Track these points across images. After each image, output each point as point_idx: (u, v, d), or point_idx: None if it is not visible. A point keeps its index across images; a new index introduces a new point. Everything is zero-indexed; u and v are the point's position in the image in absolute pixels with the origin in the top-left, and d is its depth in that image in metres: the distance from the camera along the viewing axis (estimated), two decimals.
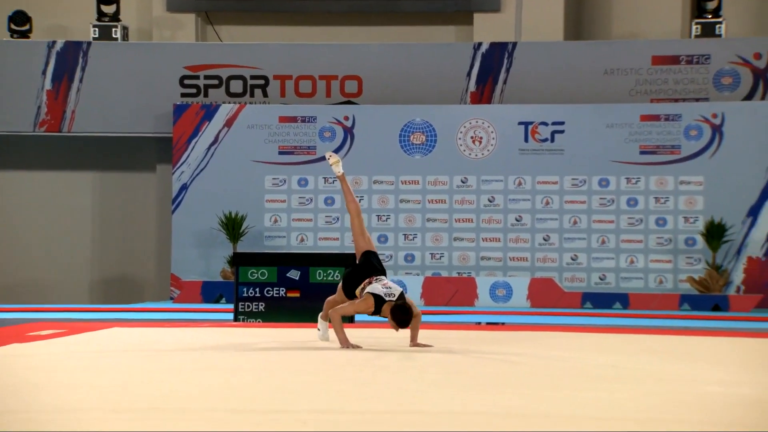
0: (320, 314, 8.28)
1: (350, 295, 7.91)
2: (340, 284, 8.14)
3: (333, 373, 6.07)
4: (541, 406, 4.81)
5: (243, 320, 11.07)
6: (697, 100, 17.41)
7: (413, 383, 5.58)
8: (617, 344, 8.54)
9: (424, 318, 10.32)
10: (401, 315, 7.58)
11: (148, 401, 4.86)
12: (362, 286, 7.78)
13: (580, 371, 6.31)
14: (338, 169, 8.29)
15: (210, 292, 16.44)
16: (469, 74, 17.87)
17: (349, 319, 10.54)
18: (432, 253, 17.33)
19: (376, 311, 7.69)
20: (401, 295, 7.67)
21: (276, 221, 17.60)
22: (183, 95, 18.12)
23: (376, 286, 7.71)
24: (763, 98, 17.25)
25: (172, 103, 17.85)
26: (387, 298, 7.64)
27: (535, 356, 7.28)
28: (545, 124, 17.31)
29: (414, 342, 7.79)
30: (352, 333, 8.58)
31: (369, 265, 7.91)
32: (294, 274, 11.08)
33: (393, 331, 7.78)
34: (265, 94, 18.14)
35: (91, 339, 8.56)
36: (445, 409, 4.67)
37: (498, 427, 4.24)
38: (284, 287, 11.08)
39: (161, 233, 18.33)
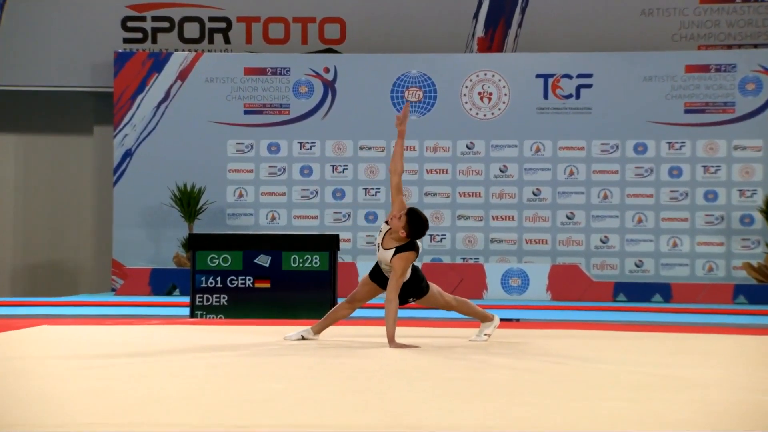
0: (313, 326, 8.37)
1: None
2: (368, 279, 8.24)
3: (311, 381, 6.12)
4: (560, 419, 4.87)
5: (201, 316, 11.11)
6: (756, 46, 17.45)
7: (407, 392, 5.64)
8: (656, 345, 8.61)
9: (419, 313, 10.38)
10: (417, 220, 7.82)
11: (88, 416, 4.90)
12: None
13: (610, 377, 6.38)
14: None
15: (160, 282, 16.47)
16: (476, 16, 17.87)
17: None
18: (432, 235, 17.38)
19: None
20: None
21: (241, 195, 17.63)
22: (126, 41, 18.08)
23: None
24: None
25: (113, 50, 17.82)
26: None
27: (556, 360, 7.34)
28: (569, 76, 17.34)
29: (393, 343, 7.81)
30: (333, 330, 8.63)
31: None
32: (263, 260, 11.12)
33: (383, 329, 7.87)
34: (226, 40, 18.12)
35: (15, 340, 8.59)
36: (446, 423, 4.72)
37: None
38: (251, 276, 11.12)
39: (100, 210, 18.35)
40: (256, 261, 11.12)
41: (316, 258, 11.01)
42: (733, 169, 17.08)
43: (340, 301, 8.72)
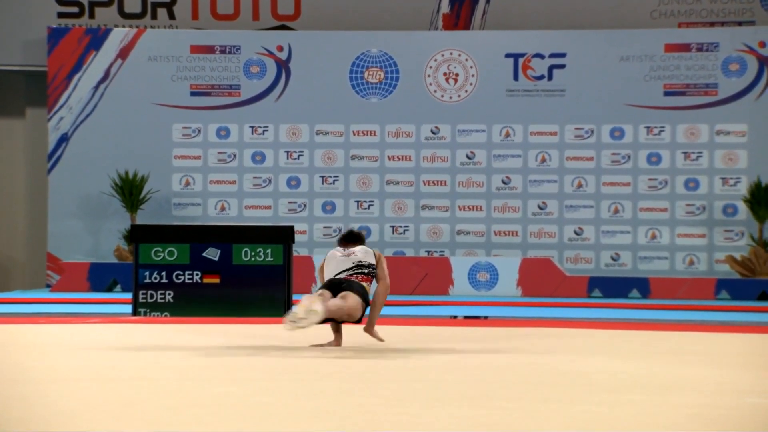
0: (319, 293, 7.96)
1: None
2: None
3: (265, 384, 6.13)
4: (532, 423, 4.90)
5: (145, 314, 11.08)
6: (740, 23, 17.55)
7: (367, 397, 5.66)
8: (633, 344, 8.67)
9: (382, 311, 10.38)
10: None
11: (20, 421, 4.88)
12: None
13: (584, 379, 6.42)
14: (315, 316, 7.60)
15: (100, 278, 16.40)
16: None
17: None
18: (393, 226, 17.40)
19: None
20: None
21: (188, 184, 17.57)
22: (61, 15, 17.97)
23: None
24: None
25: (46, 25, 17.70)
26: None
27: (527, 360, 7.39)
28: (541, 56, 17.39)
29: (370, 328, 7.97)
30: (294, 334, 8.63)
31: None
32: (212, 254, 11.10)
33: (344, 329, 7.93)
34: (171, 16, 18.04)
35: None
36: (410, 429, 4.75)
37: None
38: (199, 270, 11.10)
39: (34, 200, 18.24)
40: (204, 254, 11.10)
41: (269, 251, 11.00)
42: (716, 156, 17.18)
43: (295, 297, 8.75)
